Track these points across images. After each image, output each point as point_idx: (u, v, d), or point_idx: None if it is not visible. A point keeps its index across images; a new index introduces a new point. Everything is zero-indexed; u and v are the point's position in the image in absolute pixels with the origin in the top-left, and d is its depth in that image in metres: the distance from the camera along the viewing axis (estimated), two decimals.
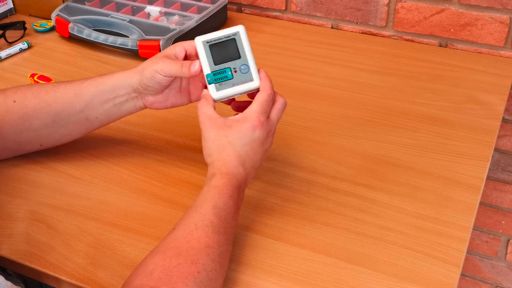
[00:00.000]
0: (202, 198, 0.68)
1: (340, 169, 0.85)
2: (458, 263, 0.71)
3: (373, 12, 1.22)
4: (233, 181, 0.69)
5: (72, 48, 1.20)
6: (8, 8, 1.33)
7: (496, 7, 1.11)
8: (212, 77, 0.73)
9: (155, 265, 0.60)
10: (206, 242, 0.63)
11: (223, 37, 0.75)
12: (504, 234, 1.38)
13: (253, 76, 0.74)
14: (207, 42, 0.74)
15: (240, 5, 1.36)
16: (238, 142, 0.71)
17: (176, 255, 0.61)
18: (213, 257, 0.62)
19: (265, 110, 0.72)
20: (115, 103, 0.79)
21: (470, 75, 1.08)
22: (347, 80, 1.07)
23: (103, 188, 0.83)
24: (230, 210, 0.68)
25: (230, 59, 0.74)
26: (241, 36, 0.75)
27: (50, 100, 0.81)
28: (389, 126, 0.94)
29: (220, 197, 0.67)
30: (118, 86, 0.79)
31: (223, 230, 0.66)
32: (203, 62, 0.74)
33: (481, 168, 0.85)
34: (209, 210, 0.66)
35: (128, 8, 1.23)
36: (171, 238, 0.64)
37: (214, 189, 0.68)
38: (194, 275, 0.59)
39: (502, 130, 1.23)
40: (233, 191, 0.69)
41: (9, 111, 0.81)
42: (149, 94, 0.78)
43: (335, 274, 0.69)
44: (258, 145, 0.72)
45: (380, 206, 0.79)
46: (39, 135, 0.83)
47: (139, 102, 0.79)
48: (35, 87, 0.83)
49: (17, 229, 0.76)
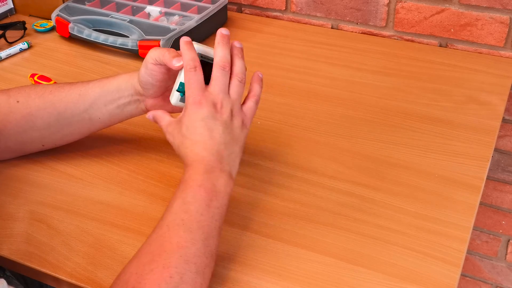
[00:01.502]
0: (173, 197, 0.67)
1: (340, 169, 0.85)
2: (458, 263, 0.70)
3: (373, 12, 1.22)
4: (197, 168, 0.68)
5: (72, 48, 1.20)
6: (8, 8, 1.33)
7: (496, 7, 1.11)
8: (183, 87, 0.73)
9: (130, 273, 0.60)
10: (177, 242, 0.62)
11: (211, 59, 0.73)
12: (504, 234, 1.38)
13: None
14: (201, 55, 0.73)
15: (240, 5, 1.36)
16: (189, 130, 0.70)
17: (149, 261, 0.60)
18: (186, 258, 0.61)
19: (200, 86, 0.70)
20: (118, 104, 0.80)
21: (470, 75, 1.08)
22: (347, 80, 1.07)
23: (103, 188, 0.83)
24: (202, 201, 0.65)
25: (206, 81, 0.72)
26: None
27: (54, 100, 0.81)
28: (389, 126, 0.94)
29: (187, 191, 0.66)
30: (122, 87, 0.79)
31: (195, 225, 0.63)
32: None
33: (481, 168, 0.85)
34: (179, 207, 0.65)
35: (128, 8, 1.23)
36: (146, 243, 0.64)
37: (182, 184, 0.67)
38: (166, 280, 0.58)
39: (502, 130, 1.23)
40: (202, 179, 0.67)
41: (12, 111, 0.81)
42: (149, 95, 0.78)
43: (335, 274, 0.69)
44: (211, 121, 0.69)
45: (380, 206, 0.79)
46: (41, 135, 0.83)
47: (141, 105, 0.80)
48: (39, 87, 0.83)
49: (17, 229, 0.76)
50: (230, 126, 0.71)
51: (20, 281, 0.86)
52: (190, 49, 0.72)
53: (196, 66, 0.71)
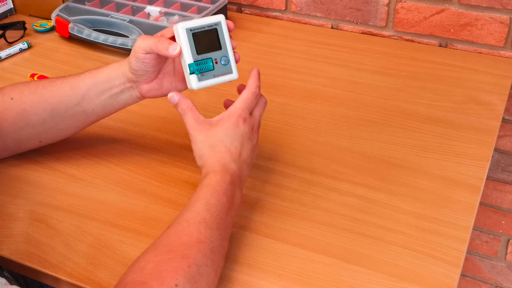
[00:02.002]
0: (195, 197, 0.69)
1: (340, 169, 0.85)
2: (458, 263, 0.71)
3: (373, 12, 1.22)
4: (226, 177, 0.70)
5: (72, 48, 1.20)
6: (8, 8, 1.33)
7: (496, 7, 1.11)
8: (194, 67, 0.72)
9: (146, 261, 0.61)
10: (198, 237, 0.63)
11: (206, 26, 0.73)
12: (504, 234, 1.38)
13: (232, 69, 0.74)
14: (190, 30, 0.72)
15: (240, 5, 1.36)
16: (228, 139, 0.72)
17: (167, 251, 0.62)
18: (204, 252, 0.63)
19: (248, 106, 0.73)
20: (111, 94, 0.79)
21: (470, 75, 1.08)
22: (347, 80, 1.07)
23: (103, 188, 0.83)
24: (224, 207, 0.68)
25: (212, 50, 0.73)
26: (222, 27, 0.73)
27: (47, 95, 0.81)
28: (388, 126, 0.94)
29: (212, 194, 0.68)
30: (112, 76, 0.78)
31: (215, 226, 0.66)
32: (185, 51, 0.72)
33: (481, 168, 0.85)
34: (201, 207, 0.67)
35: (128, 8, 1.23)
36: (164, 235, 0.65)
37: (206, 187, 0.69)
38: (185, 269, 0.60)
39: (502, 130, 1.23)
40: (227, 188, 0.69)
41: (7, 108, 0.81)
42: (142, 80, 0.77)
43: (335, 274, 0.69)
44: (246, 140, 0.73)
45: (380, 206, 0.79)
46: (37, 131, 0.83)
47: (135, 92, 0.79)
48: (32, 83, 0.83)
49: (17, 229, 0.76)
50: (254, 151, 0.76)
51: (20, 281, 0.86)
52: (258, 79, 0.76)
53: (258, 94, 0.75)
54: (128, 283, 0.59)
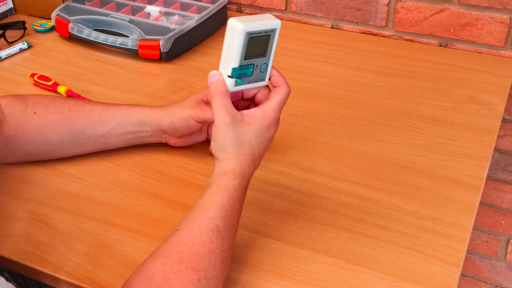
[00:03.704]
0: (210, 199, 0.66)
1: (340, 169, 0.85)
2: (458, 263, 0.71)
3: (373, 12, 1.22)
4: (243, 182, 0.68)
5: (72, 48, 1.20)
6: (8, 8, 1.33)
7: (496, 7, 1.11)
8: (237, 71, 0.67)
9: (155, 270, 0.59)
10: (209, 248, 0.62)
11: (263, 32, 0.67)
12: (504, 234, 1.38)
13: (266, 76, 0.71)
14: (249, 34, 0.66)
15: (240, 5, 1.36)
16: (255, 141, 0.68)
17: (177, 261, 0.60)
18: (215, 263, 0.61)
19: (282, 107, 0.70)
20: (138, 136, 0.81)
21: (470, 75, 1.08)
22: (347, 80, 1.07)
23: (103, 188, 0.83)
24: (236, 214, 0.67)
25: (257, 56, 0.68)
26: (276, 33, 0.69)
27: (73, 118, 0.81)
28: (388, 126, 0.94)
29: (228, 201, 0.66)
30: (145, 123, 0.78)
31: (227, 234, 0.64)
32: (234, 53, 0.66)
33: (481, 168, 0.85)
34: (216, 214, 0.64)
35: (128, 8, 1.23)
36: (174, 241, 0.63)
37: (224, 190, 0.66)
38: (194, 283, 0.58)
39: (502, 130, 1.23)
40: (241, 193, 0.67)
41: (27, 121, 0.81)
42: (175, 135, 0.79)
43: (335, 274, 0.69)
44: (269, 142, 0.70)
45: (380, 206, 0.79)
46: (52, 149, 0.83)
47: (163, 140, 0.81)
48: (58, 101, 0.83)
49: (17, 229, 0.76)
50: None
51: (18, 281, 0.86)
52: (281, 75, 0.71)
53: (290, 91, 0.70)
54: None
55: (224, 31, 0.68)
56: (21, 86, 1.07)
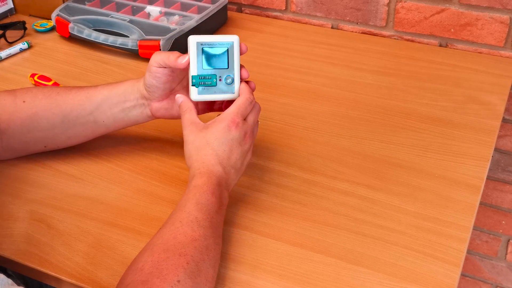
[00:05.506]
0: (184, 198, 0.69)
1: (340, 169, 0.85)
2: (458, 263, 0.71)
3: (373, 12, 1.22)
4: (212, 179, 0.71)
5: (72, 48, 1.20)
6: (8, 8, 1.33)
7: (496, 7, 1.11)
8: (197, 79, 0.75)
9: (144, 262, 0.62)
10: (192, 236, 0.64)
11: (217, 44, 0.75)
12: (504, 234, 1.38)
13: (235, 89, 0.76)
14: (201, 44, 0.75)
15: (240, 5, 1.36)
16: (216, 142, 0.72)
17: (163, 250, 0.62)
18: (200, 249, 0.63)
19: (242, 112, 0.74)
20: (123, 107, 0.81)
21: (470, 75, 1.08)
22: (347, 80, 1.07)
23: (103, 188, 0.83)
24: (214, 206, 0.69)
25: (218, 67, 0.76)
26: (234, 47, 0.76)
27: (61, 101, 0.82)
28: (389, 126, 0.94)
29: (201, 195, 0.69)
30: (128, 90, 0.81)
31: (208, 224, 0.67)
32: (191, 62, 0.75)
33: (481, 168, 0.85)
34: (193, 207, 0.67)
35: (128, 8, 1.23)
36: (158, 236, 0.65)
37: (195, 188, 0.70)
38: (184, 266, 0.60)
39: (502, 130, 1.23)
40: (214, 188, 0.70)
41: (17, 110, 0.82)
42: (154, 98, 0.80)
43: (335, 274, 0.69)
44: (236, 145, 0.73)
45: (380, 206, 0.79)
46: (45, 135, 0.83)
47: (146, 110, 0.81)
48: (46, 88, 0.85)
49: (17, 229, 0.76)
50: (246, 157, 0.76)
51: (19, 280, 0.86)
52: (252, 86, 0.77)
53: (252, 100, 0.76)
54: (128, 284, 0.59)
55: (224, 31, 0.68)
56: (21, 86, 1.06)
